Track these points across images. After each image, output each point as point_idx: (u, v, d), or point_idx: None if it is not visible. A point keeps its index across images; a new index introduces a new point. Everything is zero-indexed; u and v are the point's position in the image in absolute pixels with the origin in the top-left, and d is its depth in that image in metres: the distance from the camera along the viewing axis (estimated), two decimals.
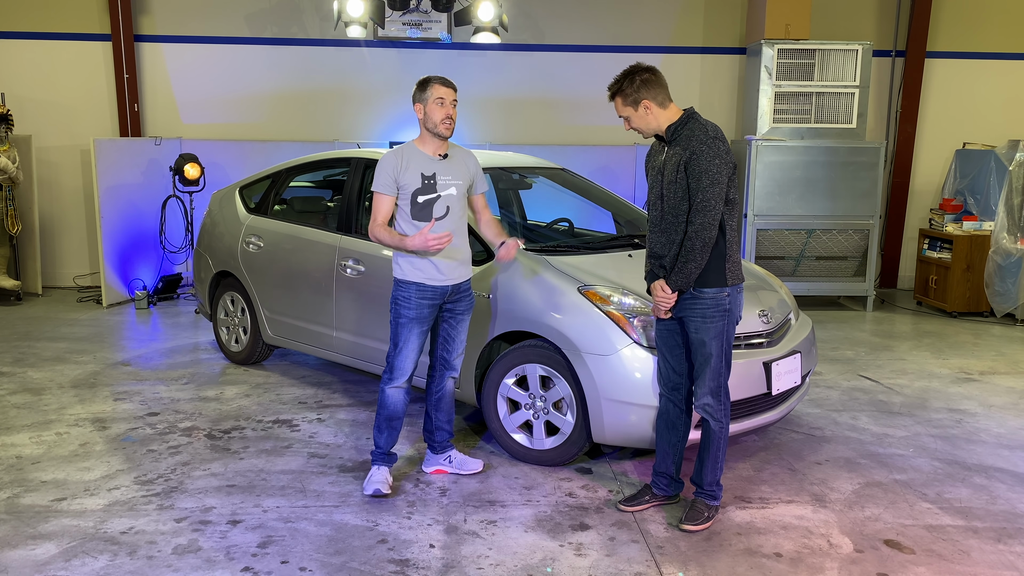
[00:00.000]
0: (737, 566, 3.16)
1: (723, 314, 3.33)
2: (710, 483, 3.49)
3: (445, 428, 3.99)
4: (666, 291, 3.32)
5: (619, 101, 3.34)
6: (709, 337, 3.33)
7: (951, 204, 8.09)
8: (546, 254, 4.24)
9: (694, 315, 3.33)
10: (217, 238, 5.86)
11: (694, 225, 3.22)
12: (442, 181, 3.69)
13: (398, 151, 3.72)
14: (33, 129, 8.30)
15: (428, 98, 3.64)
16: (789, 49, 7.91)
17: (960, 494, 3.84)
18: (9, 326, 6.96)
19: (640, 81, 3.28)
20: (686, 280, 3.27)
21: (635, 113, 3.31)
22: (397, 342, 3.71)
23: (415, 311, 3.68)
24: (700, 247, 3.22)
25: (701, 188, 3.19)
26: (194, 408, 4.87)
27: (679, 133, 3.29)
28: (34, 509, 3.54)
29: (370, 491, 3.72)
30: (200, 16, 8.55)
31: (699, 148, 3.20)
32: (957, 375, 5.83)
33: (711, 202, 3.19)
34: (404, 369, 3.73)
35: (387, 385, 3.75)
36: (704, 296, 3.31)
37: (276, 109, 8.72)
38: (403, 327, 3.70)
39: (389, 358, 3.75)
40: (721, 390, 3.39)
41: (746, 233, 7.88)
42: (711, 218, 3.21)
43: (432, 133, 3.68)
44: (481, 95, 8.70)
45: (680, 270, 3.27)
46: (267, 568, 3.09)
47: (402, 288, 3.70)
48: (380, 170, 3.67)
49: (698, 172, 3.19)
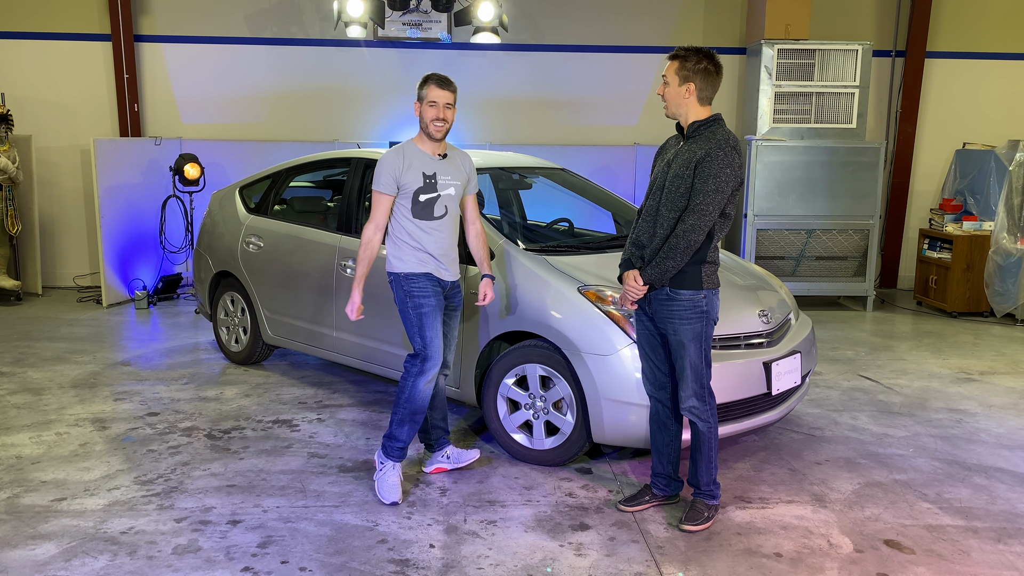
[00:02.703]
0: (737, 566, 3.16)
1: (700, 316, 3.32)
2: (706, 483, 3.49)
3: (440, 426, 3.99)
4: (638, 282, 3.31)
5: (674, 65, 3.30)
6: (688, 339, 3.32)
7: (951, 204, 8.09)
8: (546, 254, 4.24)
9: (671, 317, 3.32)
10: (217, 238, 5.86)
11: (685, 224, 3.21)
12: (442, 181, 3.70)
13: (399, 150, 3.71)
14: (33, 129, 8.30)
15: (424, 98, 3.65)
16: (789, 49, 7.91)
17: (960, 494, 3.84)
18: (9, 326, 6.96)
19: (702, 67, 3.27)
20: (660, 276, 3.26)
21: (676, 87, 3.29)
22: (424, 333, 3.65)
23: (434, 298, 3.68)
24: (683, 247, 3.21)
25: (704, 191, 3.18)
26: (194, 408, 4.87)
27: (700, 132, 3.28)
28: (34, 509, 3.54)
29: (388, 500, 3.63)
30: (200, 16, 8.55)
31: (715, 152, 3.20)
32: (957, 375, 5.83)
33: (709, 207, 3.19)
34: (437, 357, 3.66)
35: (420, 379, 3.65)
36: (680, 298, 3.30)
37: (276, 109, 8.72)
38: (427, 316, 3.65)
39: (419, 352, 3.66)
40: (705, 391, 3.38)
41: (746, 233, 7.88)
42: (704, 222, 3.20)
43: (425, 133, 3.69)
44: (481, 95, 8.70)
45: (658, 265, 3.26)
46: (267, 568, 3.09)
47: (414, 280, 3.67)
48: (381, 169, 3.65)
49: (705, 175, 3.19)
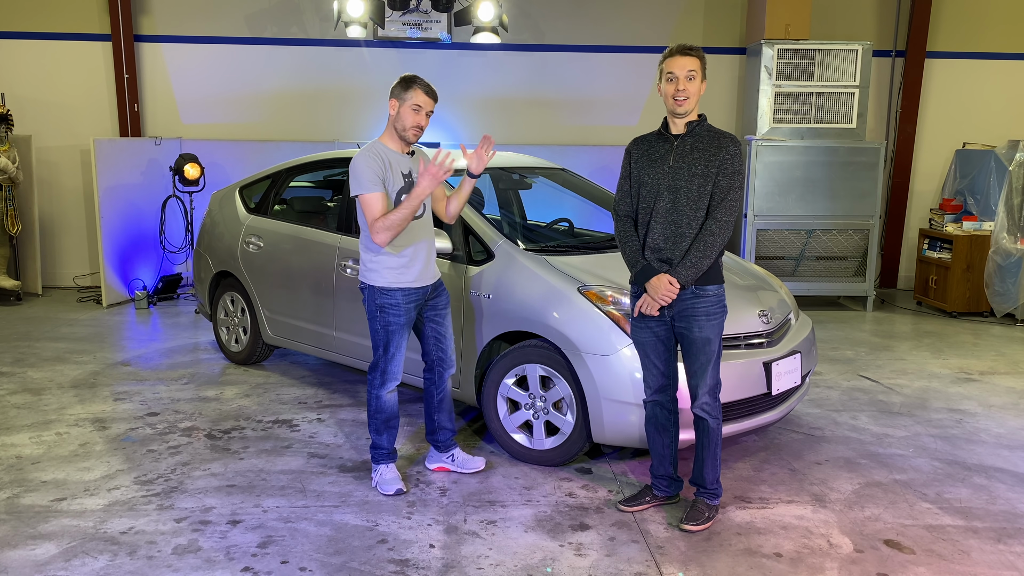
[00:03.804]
0: (737, 566, 3.16)
1: (722, 309, 3.37)
2: (711, 481, 3.49)
3: (447, 427, 3.99)
4: (674, 285, 3.28)
5: (699, 62, 3.32)
6: (713, 334, 3.34)
7: (951, 204, 8.09)
8: (546, 254, 4.24)
9: (697, 314, 3.33)
10: (217, 238, 5.86)
11: (719, 222, 3.26)
12: (417, 179, 3.67)
13: (373, 151, 3.59)
14: (33, 129, 8.30)
15: (407, 100, 3.57)
16: (789, 49, 7.91)
17: (960, 494, 3.84)
18: (9, 326, 6.96)
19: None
20: (695, 275, 3.28)
21: (700, 82, 3.32)
22: (388, 348, 3.68)
23: (404, 316, 3.67)
24: (720, 244, 3.28)
25: (733, 187, 3.27)
26: (194, 408, 4.87)
27: (697, 131, 3.33)
28: (34, 509, 3.54)
29: (392, 491, 3.71)
30: (200, 16, 8.55)
31: (734, 150, 3.29)
32: (957, 375, 5.83)
33: (739, 202, 3.30)
34: (397, 373, 3.73)
35: (381, 391, 3.73)
36: (706, 294, 3.33)
37: (276, 109, 8.72)
38: (394, 333, 3.67)
39: (379, 364, 3.70)
40: (717, 387, 3.41)
41: (746, 233, 7.88)
42: (735, 217, 3.30)
43: (399, 135, 3.64)
44: (481, 95, 8.69)
45: (694, 264, 3.26)
46: (267, 568, 3.09)
47: (387, 295, 3.64)
48: (363, 171, 3.52)
49: (731, 172, 3.27)
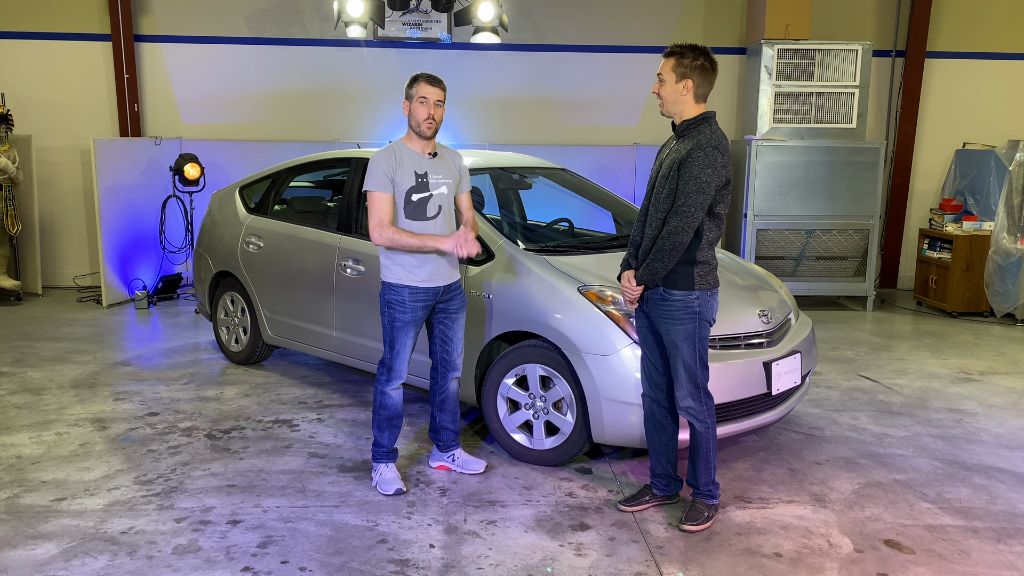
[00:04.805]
0: (737, 566, 3.16)
1: (692, 316, 3.31)
2: (704, 483, 3.49)
3: (450, 428, 3.99)
4: (631, 283, 3.37)
5: (671, 63, 3.29)
6: (680, 339, 3.32)
7: (951, 204, 8.09)
8: (546, 254, 4.24)
9: (664, 316, 3.34)
10: (217, 238, 5.86)
11: (669, 226, 3.23)
12: (433, 180, 3.69)
13: (389, 149, 3.70)
14: (33, 129, 8.30)
15: (413, 96, 3.68)
16: (789, 49, 7.90)
17: (960, 494, 3.84)
18: (9, 326, 6.96)
19: (699, 64, 3.27)
20: (651, 277, 3.29)
21: (674, 84, 3.28)
22: (393, 345, 3.70)
23: (410, 314, 3.67)
24: (669, 249, 3.22)
25: (686, 192, 3.19)
26: (194, 408, 4.87)
27: (689, 131, 3.29)
28: (34, 509, 3.54)
29: (392, 491, 3.71)
30: (200, 16, 8.55)
31: (696, 152, 3.20)
32: (957, 375, 5.83)
33: (692, 208, 3.19)
34: (402, 371, 3.74)
35: (386, 387, 3.75)
36: (672, 298, 3.31)
37: (276, 109, 8.72)
38: (399, 331, 3.68)
39: (385, 361, 3.74)
40: (700, 392, 3.38)
41: (746, 233, 7.88)
42: (688, 223, 3.19)
43: (415, 132, 3.68)
44: (481, 95, 8.69)
45: (647, 266, 3.30)
46: (267, 568, 3.09)
47: (394, 291, 3.67)
48: (374, 168, 3.63)
49: (687, 175, 3.19)
